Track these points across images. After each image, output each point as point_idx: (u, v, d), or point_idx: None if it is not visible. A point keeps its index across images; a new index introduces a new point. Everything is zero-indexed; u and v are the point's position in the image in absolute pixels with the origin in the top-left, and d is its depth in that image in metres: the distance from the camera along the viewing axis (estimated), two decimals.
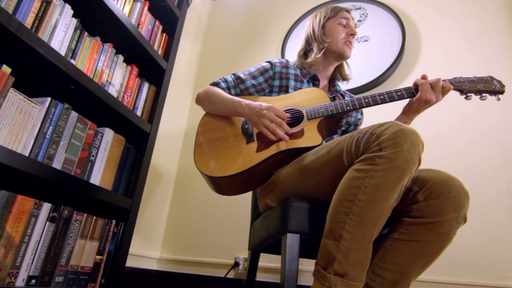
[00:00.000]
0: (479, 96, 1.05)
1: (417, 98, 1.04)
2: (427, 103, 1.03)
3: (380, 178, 0.75)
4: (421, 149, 0.77)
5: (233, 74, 1.28)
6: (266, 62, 1.30)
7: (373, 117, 1.49)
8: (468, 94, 1.06)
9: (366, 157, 0.78)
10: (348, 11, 1.31)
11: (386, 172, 0.74)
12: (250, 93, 1.25)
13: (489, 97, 1.05)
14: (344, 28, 1.28)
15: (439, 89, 1.03)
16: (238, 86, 1.25)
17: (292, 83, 1.24)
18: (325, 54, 1.28)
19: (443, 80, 1.06)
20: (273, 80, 1.25)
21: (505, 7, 1.79)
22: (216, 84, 1.25)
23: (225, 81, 1.25)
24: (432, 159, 1.44)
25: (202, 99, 1.25)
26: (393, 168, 0.74)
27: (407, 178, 0.77)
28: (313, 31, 1.30)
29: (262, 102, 1.09)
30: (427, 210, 0.84)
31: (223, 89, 1.23)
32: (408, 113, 1.10)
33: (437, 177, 0.87)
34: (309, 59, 1.27)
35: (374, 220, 0.76)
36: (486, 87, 1.04)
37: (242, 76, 1.26)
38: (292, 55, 2.11)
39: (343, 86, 1.42)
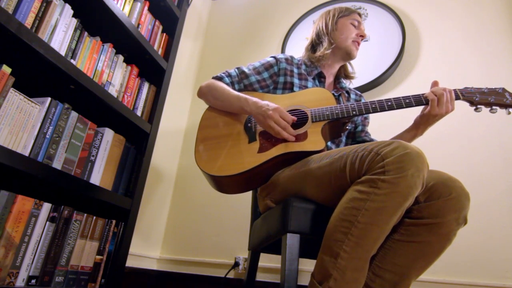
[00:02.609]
0: (489, 108, 1.00)
1: (426, 113, 1.03)
2: (437, 117, 1.03)
3: (381, 203, 0.74)
4: (425, 173, 0.76)
5: (237, 68, 1.25)
6: (271, 57, 1.28)
7: (376, 116, 1.50)
8: (478, 106, 1.01)
9: (368, 179, 0.77)
10: (360, 14, 1.34)
11: (388, 197, 0.74)
12: (254, 89, 1.22)
13: (499, 110, 1.00)
14: (355, 28, 1.29)
15: (448, 101, 1.01)
16: (242, 81, 1.22)
17: (296, 81, 1.22)
18: (333, 50, 1.28)
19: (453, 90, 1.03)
20: (278, 76, 1.24)
21: (505, 7, 1.79)
22: (219, 78, 1.22)
23: (229, 75, 1.23)
24: (433, 159, 1.43)
25: (204, 93, 1.22)
26: (396, 193, 0.74)
27: (409, 202, 0.76)
28: (326, 25, 1.31)
29: (269, 102, 1.07)
30: (427, 211, 0.84)
31: (226, 84, 1.20)
32: (419, 126, 1.10)
33: (438, 178, 0.87)
34: (318, 53, 1.27)
35: (373, 242, 0.76)
36: (497, 100, 0.99)
37: (246, 70, 1.24)
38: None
39: (347, 84, 1.42)
